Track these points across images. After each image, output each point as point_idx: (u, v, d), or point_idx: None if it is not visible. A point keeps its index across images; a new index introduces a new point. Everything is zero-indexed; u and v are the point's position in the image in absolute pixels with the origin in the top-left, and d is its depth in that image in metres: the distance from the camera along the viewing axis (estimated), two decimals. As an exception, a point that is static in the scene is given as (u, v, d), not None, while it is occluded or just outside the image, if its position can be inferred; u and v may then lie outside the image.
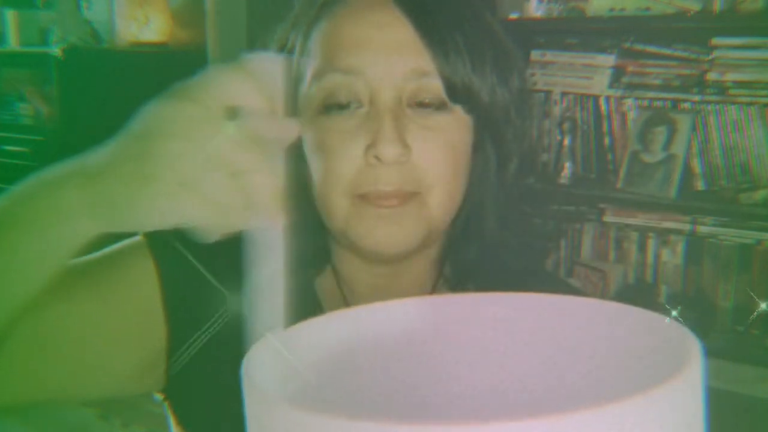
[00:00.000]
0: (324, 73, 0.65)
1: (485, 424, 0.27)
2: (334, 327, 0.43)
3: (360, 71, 0.64)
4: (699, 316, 2.06)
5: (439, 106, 0.65)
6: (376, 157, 0.62)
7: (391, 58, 0.64)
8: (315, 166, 0.66)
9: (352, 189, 0.64)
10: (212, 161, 0.43)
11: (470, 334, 0.44)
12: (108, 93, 2.97)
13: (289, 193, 0.45)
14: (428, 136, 0.64)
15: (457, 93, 0.65)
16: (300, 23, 0.70)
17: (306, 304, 0.72)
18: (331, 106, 0.65)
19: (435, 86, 0.65)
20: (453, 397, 0.45)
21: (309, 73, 0.66)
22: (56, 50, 2.97)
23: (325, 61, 0.66)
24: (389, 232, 0.64)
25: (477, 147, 0.69)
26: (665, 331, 0.37)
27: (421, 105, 0.65)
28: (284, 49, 0.70)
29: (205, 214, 0.44)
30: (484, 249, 0.71)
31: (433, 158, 0.65)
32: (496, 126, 0.69)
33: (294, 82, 0.68)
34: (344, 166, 0.64)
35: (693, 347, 0.34)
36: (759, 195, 2.00)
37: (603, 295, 2.18)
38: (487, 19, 0.69)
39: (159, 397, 0.71)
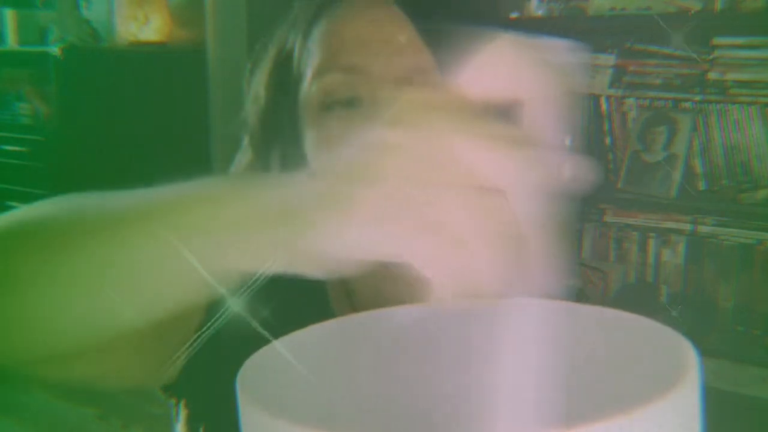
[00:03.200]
0: (324, 72, 0.65)
1: None
2: (336, 333, 0.42)
3: (360, 69, 0.64)
4: (699, 316, 2.06)
5: None
6: (378, 157, 0.62)
7: (391, 56, 0.64)
8: (317, 166, 0.66)
9: None
10: (449, 170, 0.30)
11: (470, 339, 0.44)
12: (107, 93, 2.97)
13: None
14: None
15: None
16: (300, 22, 0.69)
17: (317, 309, 0.72)
18: (332, 105, 0.65)
19: (436, 84, 0.64)
20: (453, 404, 0.44)
21: (309, 73, 0.66)
22: (55, 50, 2.97)
23: (325, 59, 0.65)
24: None
25: None
26: (664, 341, 0.37)
27: None
28: (284, 49, 0.70)
29: (431, 248, 0.30)
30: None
31: None
32: None
33: (296, 81, 0.68)
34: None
35: (691, 358, 0.33)
36: (760, 195, 2.00)
37: (604, 295, 2.18)
38: (488, 16, 0.69)
39: (163, 396, 0.70)
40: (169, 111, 3.00)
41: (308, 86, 0.66)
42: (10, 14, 3.31)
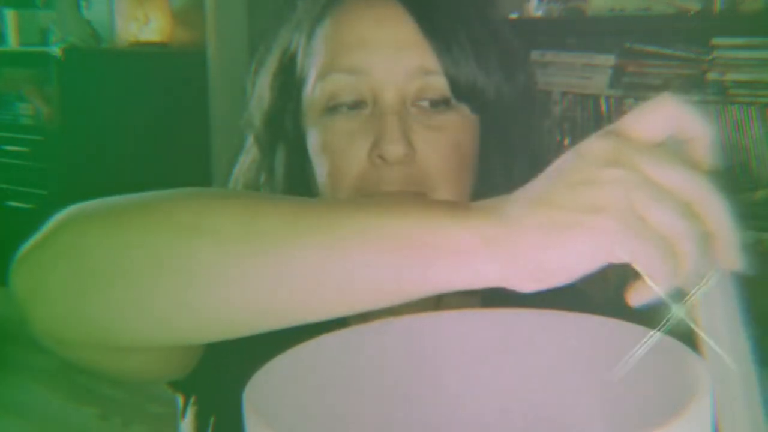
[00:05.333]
0: (327, 74, 0.65)
1: None
2: (343, 344, 0.42)
3: (363, 71, 0.64)
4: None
5: (444, 105, 0.65)
6: (381, 157, 0.62)
7: (395, 56, 0.64)
8: (319, 167, 0.66)
9: (357, 190, 0.64)
10: (660, 192, 0.37)
11: (476, 348, 0.44)
12: (108, 93, 2.98)
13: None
14: (433, 136, 0.64)
15: (462, 91, 0.65)
16: (303, 23, 0.69)
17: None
18: (335, 107, 0.65)
19: (439, 84, 0.64)
20: (458, 417, 0.44)
21: (313, 74, 0.66)
22: (56, 50, 2.97)
23: (328, 61, 0.65)
24: None
25: (483, 146, 0.68)
26: (677, 357, 0.37)
27: (426, 104, 0.65)
28: (288, 50, 0.70)
29: (651, 251, 0.37)
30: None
31: (439, 158, 0.64)
32: (502, 125, 0.68)
33: (300, 83, 0.68)
34: (348, 166, 0.64)
35: (704, 376, 0.34)
36: (759, 195, 2.00)
37: (604, 295, 2.17)
38: (491, 16, 0.69)
39: (170, 391, 0.69)
40: (170, 111, 3.00)
41: (312, 88, 0.66)
42: (11, 15, 3.32)
